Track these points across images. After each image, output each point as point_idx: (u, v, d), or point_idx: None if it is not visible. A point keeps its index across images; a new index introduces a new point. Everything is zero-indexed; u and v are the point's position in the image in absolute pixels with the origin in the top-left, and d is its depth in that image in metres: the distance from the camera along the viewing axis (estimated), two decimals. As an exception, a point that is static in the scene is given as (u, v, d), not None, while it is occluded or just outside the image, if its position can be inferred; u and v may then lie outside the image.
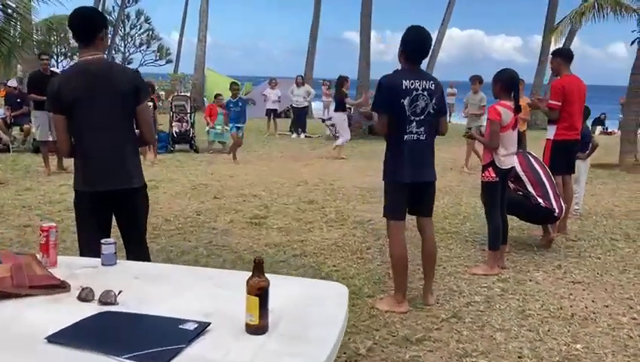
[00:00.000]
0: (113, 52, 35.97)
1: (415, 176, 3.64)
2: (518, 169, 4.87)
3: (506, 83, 4.46)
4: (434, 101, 3.65)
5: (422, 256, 3.94)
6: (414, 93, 3.55)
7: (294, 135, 15.83)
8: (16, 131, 11.43)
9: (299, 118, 16.18)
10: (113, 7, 37.85)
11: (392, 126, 3.59)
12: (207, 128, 12.31)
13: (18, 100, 11.19)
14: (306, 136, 15.70)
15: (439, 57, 24.73)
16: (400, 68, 3.72)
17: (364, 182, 8.62)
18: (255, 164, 10.51)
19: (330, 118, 16.27)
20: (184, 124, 12.36)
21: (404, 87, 3.53)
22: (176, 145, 12.22)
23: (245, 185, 8.22)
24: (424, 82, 3.61)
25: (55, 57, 42.74)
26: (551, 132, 5.56)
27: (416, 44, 3.67)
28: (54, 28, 34.85)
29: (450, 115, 18.91)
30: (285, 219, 6.28)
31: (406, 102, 3.53)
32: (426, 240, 3.89)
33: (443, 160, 9.66)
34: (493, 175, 4.43)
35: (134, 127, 3.11)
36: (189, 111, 12.59)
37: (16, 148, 11.02)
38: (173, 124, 12.23)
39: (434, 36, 24.96)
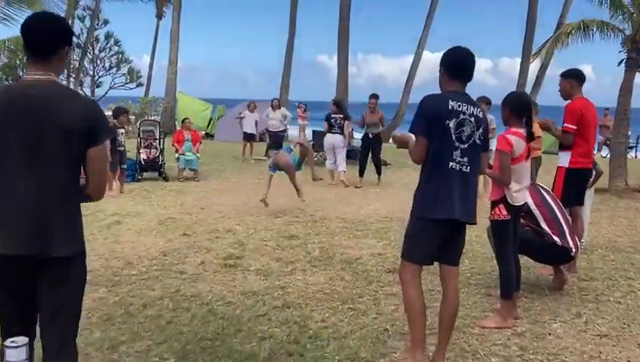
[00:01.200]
0: (82, 75, 34.94)
1: (454, 212, 3.06)
2: (531, 204, 4.30)
3: (517, 107, 3.91)
4: (480, 131, 3.18)
5: (440, 313, 3.29)
6: (461, 116, 3.08)
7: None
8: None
9: (275, 142, 15.52)
10: (82, 29, 36.85)
11: (432, 152, 3.07)
12: (177, 155, 11.57)
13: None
14: (282, 161, 15.03)
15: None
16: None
17: (348, 213, 8.00)
18: (229, 193, 9.81)
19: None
20: (153, 150, 11.59)
21: (450, 107, 3.06)
22: (145, 173, 11.45)
23: (218, 218, 7.51)
24: (471, 107, 3.15)
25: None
26: (564, 159, 5.03)
27: (462, 63, 3.21)
28: (15, 50, 33.93)
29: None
30: (263, 259, 5.60)
31: (452, 124, 3.05)
32: (449, 295, 3.26)
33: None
34: (505, 212, 3.85)
35: (79, 175, 2.30)
36: (157, 136, 11.85)
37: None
38: (140, 151, 11.45)
39: (410, 60, 25.12)
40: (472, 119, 3.11)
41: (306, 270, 5.27)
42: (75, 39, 36.30)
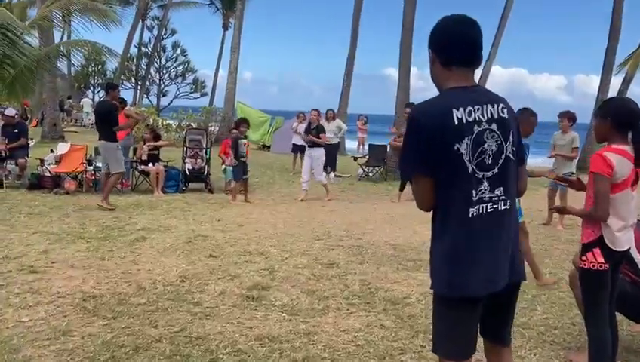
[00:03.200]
0: (147, 83, 35.71)
1: (493, 280, 2.09)
2: (633, 247, 3.26)
3: (622, 117, 2.91)
4: (512, 138, 2.13)
5: None
6: (476, 128, 2.04)
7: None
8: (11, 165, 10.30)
9: (328, 155, 14.73)
10: (149, 38, 37.77)
11: (441, 197, 2.07)
12: (223, 166, 10.99)
13: (15, 131, 10.13)
14: (335, 176, 14.24)
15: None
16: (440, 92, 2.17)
17: (399, 238, 7.07)
18: (273, 208, 9.09)
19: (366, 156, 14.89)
20: (199, 160, 11.10)
21: (455, 121, 2.01)
22: (190, 184, 10.95)
23: (253, 238, 6.77)
24: (488, 107, 2.09)
25: (92, 88, 43.04)
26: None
27: (461, 37, 2.10)
28: (91, 58, 35.07)
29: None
30: (293, 292, 4.78)
31: (463, 148, 2.01)
32: None
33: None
34: (601, 260, 2.85)
35: None
36: (204, 146, 11.34)
37: (10, 184, 9.91)
38: (186, 161, 10.97)
39: (478, 73, 23.77)
40: (495, 126, 2.07)
41: (341, 309, 4.40)
42: (142, 48, 37.33)
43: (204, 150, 11.24)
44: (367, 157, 14.88)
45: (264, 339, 3.73)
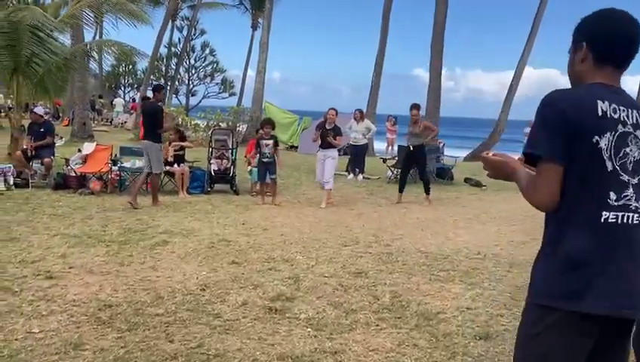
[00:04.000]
0: (177, 83, 35.85)
1: (623, 300, 1.71)
2: None
3: None
4: None
5: None
6: (620, 128, 1.77)
7: (351, 176, 14.07)
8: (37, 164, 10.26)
9: (357, 156, 14.43)
10: (179, 38, 37.99)
11: (570, 194, 1.75)
12: (249, 168, 10.77)
13: (42, 130, 10.08)
14: (364, 178, 13.91)
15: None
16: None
17: (431, 245, 6.71)
18: (299, 212, 8.81)
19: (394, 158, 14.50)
20: (224, 161, 10.89)
21: (599, 112, 1.75)
22: (215, 185, 10.75)
23: (278, 243, 6.50)
24: (634, 112, 1.82)
25: (122, 88, 43.53)
26: None
27: (623, 36, 1.83)
28: (122, 58, 35.39)
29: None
30: (319, 304, 4.48)
31: (604, 143, 1.73)
32: None
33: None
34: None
35: None
36: (230, 146, 11.13)
37: (36, 184, 9.85)
38: (212, 161, 10.78)
39: (510, 75, 23.16)
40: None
41: (370, 324, 4.09)
42: (172, 48, 37.58)
43: (230, 150, 11.03)
44: (396, 158, 14.49)
45: (287, 359, 3.44)
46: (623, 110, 1.79)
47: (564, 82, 2.02)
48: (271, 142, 9.42)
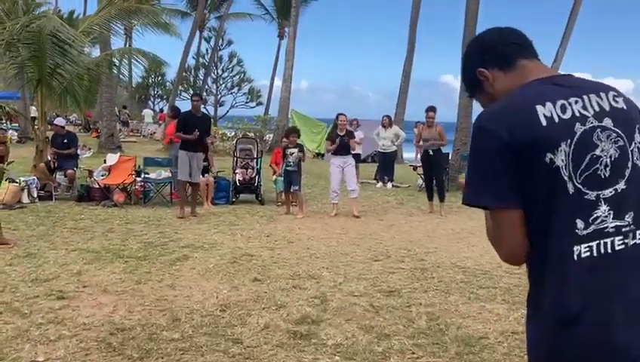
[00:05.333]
0: (205, 94, 35.88)
1: (618, 351, 1.30)
2: None
3: None
4: (638, 138, 1.41)
5: None
6: (579, 128, 1.36)
7: (379, 184, 13.65)
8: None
9: (385, 164, 14.01)
10: (207, 49, 38.16)
11: (536, 228, 1.37)
12: (274, 177, 10.46)
13: (65, 141, 9.96)
14: (393, 186, 13.47)
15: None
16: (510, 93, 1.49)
17: (468, 259, 6.26)
18: (325, 223, 8.45)
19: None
20: (249, 170, 10.60)
21: (542, 121, 1.35)
22: (240, 195, 10.47)
23: (304, 258, 6.14)
24: (592, 98, 1.41)
25: (152, 99, 43.93)
26: None
27: (509, 36, 1.56)
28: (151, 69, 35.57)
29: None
30: (348, 327, 4.09)
31: (559, 159, 1.34)
32: None
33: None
34: None
35: None
36: (255, 156, 10.85)
37: (60, 196, 9.72)
38: (236, 171, 10.50)
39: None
40: (609, 122, 1.38)
41: (405, 352, 3.68)
42: (200, 59, 37.76)
43: (254, 160, 10.75)
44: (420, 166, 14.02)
45: (312, 395, 3.06)
46: (576, 101, 1.38)
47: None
48: (296, 150, 9.08)
